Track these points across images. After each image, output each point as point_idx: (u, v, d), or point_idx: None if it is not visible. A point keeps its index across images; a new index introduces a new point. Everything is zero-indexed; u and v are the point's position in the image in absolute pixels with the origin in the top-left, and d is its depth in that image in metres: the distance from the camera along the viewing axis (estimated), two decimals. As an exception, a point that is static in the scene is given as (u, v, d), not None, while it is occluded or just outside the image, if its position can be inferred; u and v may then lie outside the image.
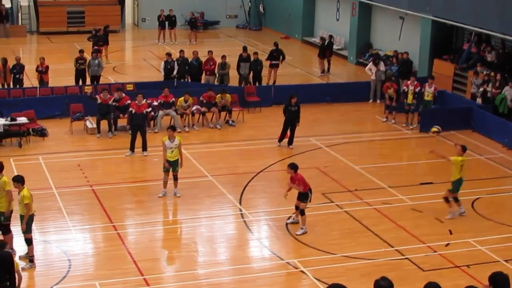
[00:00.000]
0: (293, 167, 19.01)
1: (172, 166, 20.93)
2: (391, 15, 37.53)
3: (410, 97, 28.04)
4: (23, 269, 15.87)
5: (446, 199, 19.80)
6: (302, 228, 18.91)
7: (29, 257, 17.08)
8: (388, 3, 36.72)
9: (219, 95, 28.50)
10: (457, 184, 19.66)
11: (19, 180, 17.20)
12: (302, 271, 16.97)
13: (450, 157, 19.59)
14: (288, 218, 19.46)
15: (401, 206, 20.42)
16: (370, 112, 30.68)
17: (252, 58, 32.94)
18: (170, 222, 20.33)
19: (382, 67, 32.58)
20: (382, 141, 27.19)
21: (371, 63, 33.31)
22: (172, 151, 20.88)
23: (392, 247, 18.26)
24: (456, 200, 19.88)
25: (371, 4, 38.95)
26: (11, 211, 17.32)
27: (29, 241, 17.13)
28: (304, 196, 18.89)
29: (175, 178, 21.14)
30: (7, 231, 16.94)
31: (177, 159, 20.95)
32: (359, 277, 16.02)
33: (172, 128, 21.53)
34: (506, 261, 17.29)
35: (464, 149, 19.69)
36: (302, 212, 18.93)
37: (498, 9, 29.00)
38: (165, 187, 21.19)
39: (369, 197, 21.41)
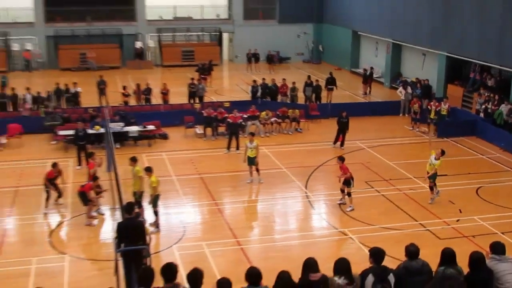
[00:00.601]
0: (341, 158, 19.29)
1: (250, 161, 21.08)
2: (416, 52, 37.05)
3: (432, 113, 27.67)
4: (152, 233, 16.21)
5: (431, 188, 19.55)
6: (350, 206, 18.87)
7: (156, 224, 17.45)
8: (414, 43, 36.40)
9: (290, 110, 28.60)
10: (434, 177, 19.33)
11: (149, 170, 17.63)
12: (351, 238, 16.94)
13: (433, 160, 19.15)
14: (340, 200, 19.45)
15: (423, 192, 20.15)
16: (400, 123, 30.30)
17: (314, 84, 32.96)
18: (254, 200, 20.42)
19: (409, 90, 32.22)
20: (409, 144, 26.83)
21: (401, 87, 32.98)
22: (252, 150, 21.07)
23: (417, 221, 18.07)
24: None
25: (401, 44, 38.60)
26: (142, 192, 17.73)
27: (156, 213, 17.50)
28: (347, 182, 18.87)
29: (257, 170, 21.28)
30: (140, 205, 17.32)
31: (255, 156, 21.09)
32: (393, 243, 15.89)
33: (251, 134, 21.85)
34: (502, 233, 16.94)
35: (443, 153, 19.33)
36: (349, 194, 18.91)
37: (495, 47, 28.68)
38: (251, 176, 21.37)
39: (399, 184, 21.20)
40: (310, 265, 8.13)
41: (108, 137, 21.42)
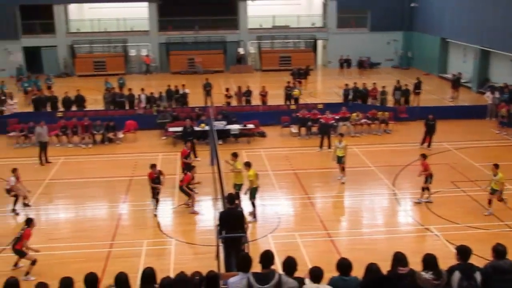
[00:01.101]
0: (423, 156, 18.98)
1: (339, 159, 20.75)
2: (504, 58, 35.39)
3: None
4: (249, 222, 16.31)
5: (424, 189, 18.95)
6: (427, 199, 18.61)
7: (253, 214, 17.55)
8: (501, 49, 34.81)
9: (380, 112, 28.08)
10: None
11: (247, 164, 17.75)
12: (436, 235, 16.40)
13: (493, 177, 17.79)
14: (427, 198, 18.89)
15: (509, 193, 19.23)
16: (487, 126, 29.04)
17: (403, 88, 32.18)
18: (344, 196, 20.11)
19: (496, 94, 30.83)
20: (495, 146, 25.66)
21: (488, 92, 31.65)
22: (340, 150, 20.73)
23: (502, 221, 17.25)
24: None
25: (489, 51, 37.01)
26: (242, 184, 17.88)
27: (253, 204, 17.60)
28: (426, 178, 18.63)
29: (343, 169, 20.89)
30: (238, 197, 17.43)
31: (343, 156, 20.72)
32: (477, 242, 15.24)
33: (341, 134, 21.42)
34: None
35: (496, 166, 17.63)
36: (425, 189, 18.66)
37: None
38: (341, 173, 21.02)
39: (485, 185, 20.32)
40: (399, 259, 7.93)
41: (212, 134, 21.78)
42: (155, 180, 18.20)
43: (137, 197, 19.48)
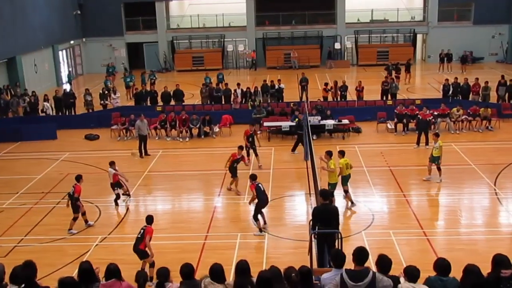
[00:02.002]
0: None
1: (432, 159, 20.02)
2: None
3: None
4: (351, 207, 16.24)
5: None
6: None
7: (350, 200, 17.94)
8: None
9: (482, 108, 26.98)
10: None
11: (341, 153, 18.37)
12: (541, 237, 15.61)
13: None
14: None
15: None
16: None
17: (508, 83, 30.75)
18: (442, 194, 19.40)
19: None
20: None
21: None
22: (435, 150, 20.00)
23: None
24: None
25: None
26: (336, 183, 17.76)
27: (345, 192, 17.77)
28: None
29: (439, 169, 20.03)
30: (332, 195, 17.23)
31: (438, 156, 19.93)
32: None
33: (436, 134, 20.51)
34: None
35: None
36: None
37: None
38: (429, 174, 20.24)
39: None
40: (501, 261, 7.61)
41: (306, 129, 21.75)
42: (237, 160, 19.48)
43: (232, 191, 19.76)
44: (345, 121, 26.65)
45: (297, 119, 24.63)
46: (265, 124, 26.73)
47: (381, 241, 15.64)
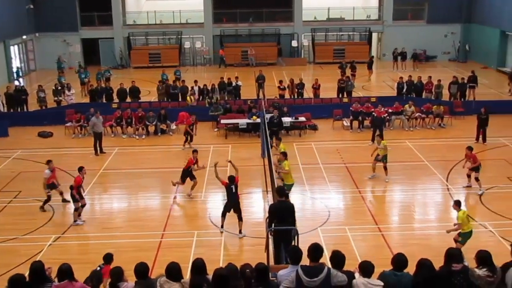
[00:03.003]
0: (470, 148, 18.85)
1: (382, 158, 20.07)
2: None
3: None
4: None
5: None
6: (481, 190, 18.35)
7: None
8: None
9: (435, 106, 27.51)
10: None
11: (284, 155, 17.92)
12: (490, 231, 15.99)
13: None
14: (468, 183, 18.98)
15: None
16: (547, 121, 28.10)
17: (460, 82, 31.43)
18: (396, 190, 19.72)
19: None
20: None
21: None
22: (380, 150, 20.11)
23: (561, 219, 16.70)
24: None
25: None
26: (292, 184, 17.81)
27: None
28: (476, 168, 18.51)
29: (385, 168, 20.09)
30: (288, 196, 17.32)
31: (386, 154, 20.01)
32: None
33: (380, 136, 20.46)
34: None
35: None
36: (477, 179, 18.49)
37: None
38: (374, 172, 20.37)
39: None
40: (453, 255, 7.78)
41: (263, 127, 21.80)
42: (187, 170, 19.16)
43: (189, 188, 19.65)
44: (302, 119, 26.81)
45: (273, 115, 24.53)
46: (222, 121, 26.69)
47: (337, 237, 15.83)
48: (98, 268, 11.41)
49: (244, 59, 47.04)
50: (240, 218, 16.03)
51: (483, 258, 7.62)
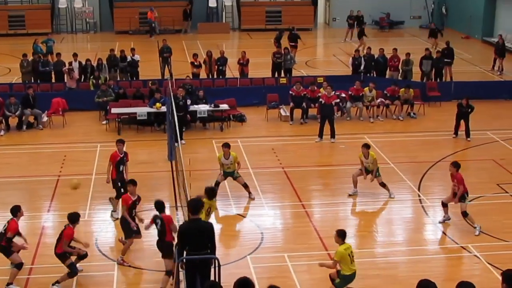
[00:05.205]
0: (455, 165, 17.92)
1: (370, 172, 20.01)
2: None
3: None
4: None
5: None
6: (476, 227, 17.66)
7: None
8: None
9: (402, 89, 28.12)
10: None
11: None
12: (475, 256, 16.49)
13: None
14: (444, 217, 18.33)
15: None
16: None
17: (434, 56, 32.28)
18: (352, 203, 20.08)
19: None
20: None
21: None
22: (369, 165, 20.01)
23: None
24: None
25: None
26: None
27: None
28: (463, 197, 17.66)
29: (383, 184, 20.10)
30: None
31: (377, 168, 19.90)
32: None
33: (366, 146, 19.88)
34: None
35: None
36: (465, 214, 17.70)
37: None
38: (355, 187, 20.28)
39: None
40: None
41: (171, 118, 21.69)
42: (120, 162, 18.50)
43: (67, 204, 19.33)
44: (224, 106, 26.84)
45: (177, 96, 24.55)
46: (113, 110, 26.40)
47: (273, 268, 15.95)
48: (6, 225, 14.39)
49: (143, 24, 46.66)
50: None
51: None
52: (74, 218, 15.14)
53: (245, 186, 19.73)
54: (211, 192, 16.43)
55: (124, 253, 16.19)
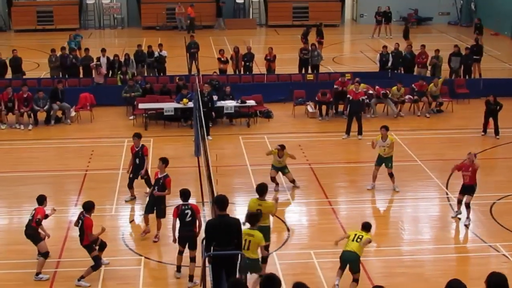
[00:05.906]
0: (473, 154, 18.25)
1: (383, 162, 20.09)
2: None
3: None
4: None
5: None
6: (468, 219, 17.82)
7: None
8: None
9: (430, 85, 27.96)
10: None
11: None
12: (504, 255, 16.37)
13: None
14: (457, 211, 18.40)
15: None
16: None
17: (464, 53, 32.07)
18: (379, 200, 20.06)
19: None
20: None
21: None
22: (383, 149, 20.13)
23: None
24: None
25: None
26: None
27: None
28: (471, 190, 17.84)
29: (390, 175, 20.11)
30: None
31: (389, 157, 20.00)
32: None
33: (385, 128, 20.22)
34: None
35: None
36: (468, 205, 17.84)
37: None
38: (374, 181, 20.29)
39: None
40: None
41: (198, 114, 21.72)
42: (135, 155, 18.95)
43: (94, 198, 19.35)
44: (251, 102, 26.85)
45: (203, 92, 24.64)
46: (140, 106, 26.49)
47: (299, 264, 15.95)
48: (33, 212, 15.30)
49: (170, 19, 46.77)
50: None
51: (497, 284, 7.79)
52: (88, 206, 15.42)
53: (293, 182, 20.16)
54: (260, 189, 15.91)
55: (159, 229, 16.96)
